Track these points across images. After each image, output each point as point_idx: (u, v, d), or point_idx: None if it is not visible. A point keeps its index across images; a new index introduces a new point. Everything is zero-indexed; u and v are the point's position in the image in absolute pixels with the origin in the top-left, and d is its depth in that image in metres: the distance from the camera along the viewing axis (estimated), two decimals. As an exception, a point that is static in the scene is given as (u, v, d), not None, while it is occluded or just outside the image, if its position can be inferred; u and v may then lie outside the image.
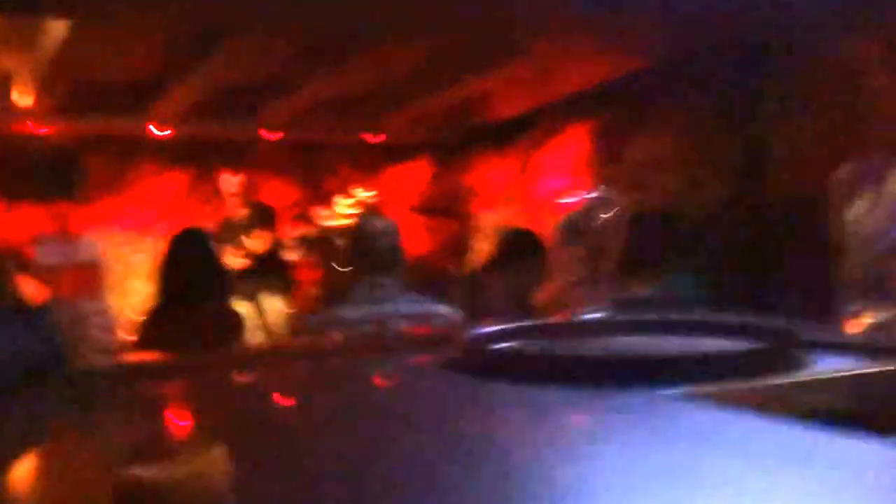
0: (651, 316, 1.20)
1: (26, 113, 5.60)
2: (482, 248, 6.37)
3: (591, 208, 1.07)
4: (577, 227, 1.10)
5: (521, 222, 6.39)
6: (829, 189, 1.70)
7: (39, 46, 4.56)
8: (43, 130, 6.02)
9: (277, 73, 5.25)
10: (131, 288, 6.00)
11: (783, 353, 1.00)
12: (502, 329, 1.18)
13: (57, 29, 4.28)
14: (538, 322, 1.25)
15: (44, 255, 5.06)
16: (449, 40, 4.57)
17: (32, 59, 4.78)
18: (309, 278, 6.87)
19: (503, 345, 1.13)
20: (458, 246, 6.94)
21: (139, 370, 1.19)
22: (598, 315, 1.16)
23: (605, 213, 1.03)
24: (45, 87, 5.18)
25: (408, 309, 2.25)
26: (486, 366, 1.02)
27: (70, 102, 5.51)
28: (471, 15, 3.79)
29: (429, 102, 6.03)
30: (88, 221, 6.69)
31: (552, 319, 1.25)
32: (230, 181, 5.95)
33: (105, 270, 5.60)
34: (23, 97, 5.33)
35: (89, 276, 5.30)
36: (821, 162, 2.15)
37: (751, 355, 0.99)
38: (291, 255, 6.42)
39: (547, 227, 6.22)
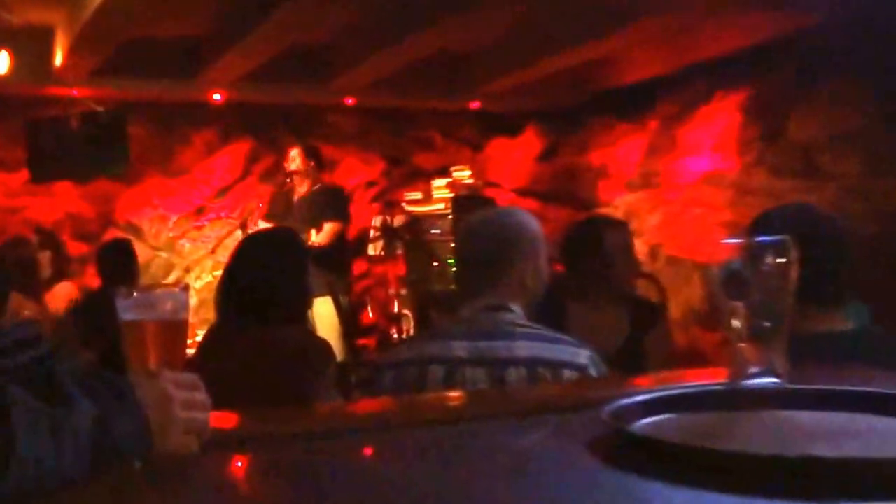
0: (835, 386, 1.14)
1: (67, 73, 5.89)
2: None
3: (758, 252, 1.05)
4: (740, 278, 1.09)
5: (657, 213, 6.54)
6: None
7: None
8: (83, 94, 6.30)
9: (356, 28, 5.39)
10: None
11: None
12: (650, 400, 1.16)
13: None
14: (691, 390, 1.21)
15: (124, 311, 5.06)
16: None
17: (76, 13, 4.94)
18: (385, 282, 6.92)
19: (654, 421, 1.11)
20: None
21: (223, 440, 1.19)
22: (765, 380, 1.10)
23: (777, 258, 1.00)
24: (88, 44, 5.40)
25: (530, 350, 2.00)
26: (635, 455, 0.99)
27: (115, 63, 5.82)
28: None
29: (541, 64, 6.12)
30: (133, 205, 7.00)
31: (707, 387, 1.19)
32: (295, 156, 5.87)
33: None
34: (65, 56, 5.55)
35: (175, 337, 5.31)
36: None
37: None
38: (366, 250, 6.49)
39: (684, 224, 6.33)
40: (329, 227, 5.50)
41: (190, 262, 7.25)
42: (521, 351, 1.97)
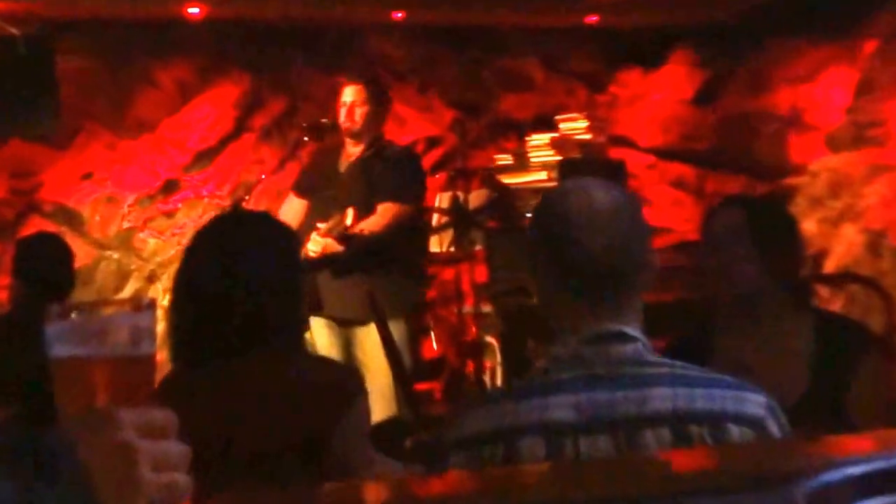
0: None
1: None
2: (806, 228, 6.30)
3: None
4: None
5: (878, 184, 6.25)
6: None
7: None
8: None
9: None
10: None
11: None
12: (866, 474, 1.16)
13: None
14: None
15: (56, 342, 5.38)
16: None
17: None
18: (456, 295, 6.26)
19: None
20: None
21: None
22: None
23: None
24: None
25: (674, 400, 1.82)
26: None
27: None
28: None
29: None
30: (66, 180, 6.53)
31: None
32: (354, 97, 5.04)
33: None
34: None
35: (139, 377, 5.60)
36: None
37: None
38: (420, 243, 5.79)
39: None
40: (386, 210, 4.86)
41: (155, 265, 6.60)
42: (660, 402, 1.82)
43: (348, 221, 4.66)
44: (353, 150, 5.04)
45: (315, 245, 4.53)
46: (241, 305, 2.36)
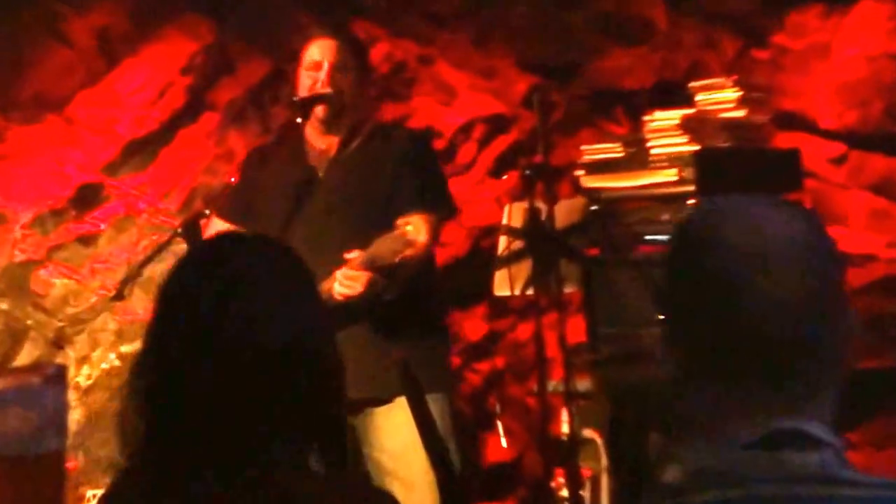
0: None
1: None
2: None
3: None
4: None
5: None
6: None
7: None
8: None
9: None
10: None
11: None
12: None
13: None
14: None
15: None
16: None
17: None
18: (534, 363, 5.21)
19: None
20: None
21: None
22: None
23: None
24: None
25: None
26: None
27: None
28: None
29: None
30: None
31: None
32: (325, 54, 4.42)
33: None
34: None
35: (39, 486, 4.68)
36: None
37: None
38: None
39: None
40: (421, 224, 4.24)
41: (66, 320, 5.64)
42: None
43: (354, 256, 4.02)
44: (326, 141, 4.37)
45: (346, 285, 3.97)
46: (247, 388, 2.02)
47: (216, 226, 4.32)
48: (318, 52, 4.32)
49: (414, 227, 4.12)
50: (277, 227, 4.25)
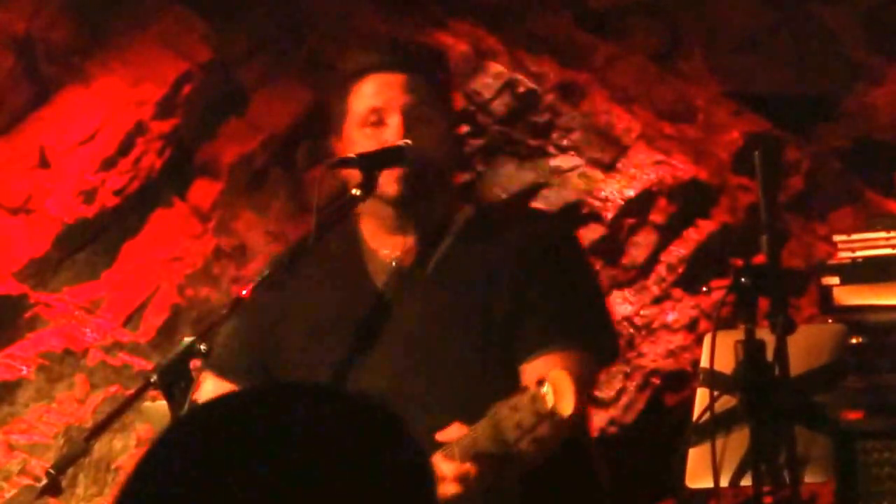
0: None
1: None
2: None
3: None
4: None
5: None
6: None
7: None
8: None
9: None
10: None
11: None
12: None
13: None
14: None
15: None
16: None
17: None
18: None
19: None
20: None
21: None
22: None
23: None
24: None
25: None
26: None
27: None
28: None
29: None
30: None
31: None
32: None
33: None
34: None
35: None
36: None
37: None
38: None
39: None
40: (567, 376, 3.61)
41: None
42: None
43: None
44: (395, 241, 3.46)
45: (455, 482, 3.22)
46: None
47: (213, 384, 3.18)
48: (378, 95, 3.32)
49: (553, 387, 3.01)
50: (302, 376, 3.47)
